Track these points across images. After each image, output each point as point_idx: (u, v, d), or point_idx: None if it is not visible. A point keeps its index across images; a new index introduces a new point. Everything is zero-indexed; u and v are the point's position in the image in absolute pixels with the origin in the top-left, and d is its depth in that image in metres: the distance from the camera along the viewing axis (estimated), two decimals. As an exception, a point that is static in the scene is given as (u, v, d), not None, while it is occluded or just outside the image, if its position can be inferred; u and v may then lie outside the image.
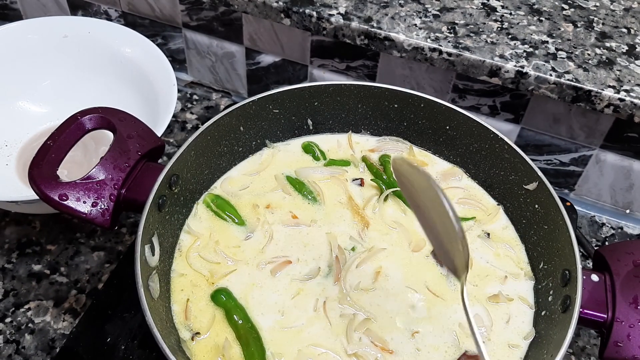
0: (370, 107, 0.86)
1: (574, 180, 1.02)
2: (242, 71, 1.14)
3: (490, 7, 0.99)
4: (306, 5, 0.96)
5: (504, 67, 0.89)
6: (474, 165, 0.85)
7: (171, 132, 1.09)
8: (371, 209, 0.81)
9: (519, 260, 0.78)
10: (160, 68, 0.97)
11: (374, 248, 0.77)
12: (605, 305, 0.67)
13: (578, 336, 0.87)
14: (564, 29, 0.96)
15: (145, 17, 1.14)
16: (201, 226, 0.78)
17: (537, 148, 1.00)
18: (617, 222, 1.02)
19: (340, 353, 0.68)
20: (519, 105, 0.96)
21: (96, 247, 0.92)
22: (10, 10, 1.24)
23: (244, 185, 0.83)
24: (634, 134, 0.92)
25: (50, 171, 0.70)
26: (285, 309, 0.71)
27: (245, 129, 0.83)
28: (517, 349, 0.70)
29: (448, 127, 0.84)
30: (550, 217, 0.73)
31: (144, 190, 0.70)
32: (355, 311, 0.71)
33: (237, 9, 1.01)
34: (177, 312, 0.70)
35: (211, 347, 0.68)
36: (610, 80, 0.88)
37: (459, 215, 0.78)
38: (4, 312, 0.84)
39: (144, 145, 0.75)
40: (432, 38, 0.92)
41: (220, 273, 0.73)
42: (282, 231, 0.78)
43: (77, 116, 0.73)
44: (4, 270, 0.88)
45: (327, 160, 0.86)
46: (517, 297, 0.74)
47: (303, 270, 0.74)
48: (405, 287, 0.74)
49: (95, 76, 1.04)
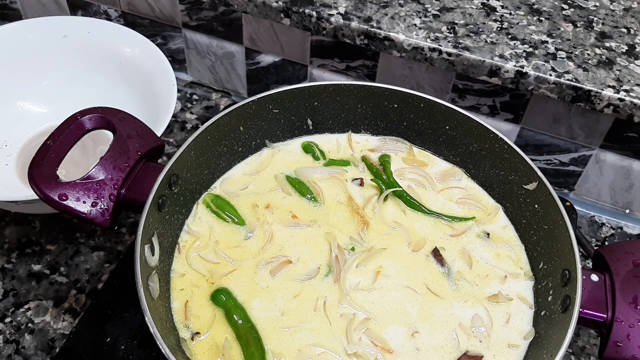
0: (370, 107, 0.86)
1: (574, 180, 1.02)
2: (242, 71, 1.14)
3: (490, 7, 0.99)
4: (306, 5, 0.96)
5: (504, 67, 0.89)
6: (474, 165, 0.85)
7: (171, 132, 1.09)
8: (371, 208, 0.81)
9: (518, 260, 0.78)
10: (160, 68, 0.97)
11: (374, 248, 0.77)
12: (605, 305, 0.67)
13: (578, 336, 0.87)
14: (564, 29, 0.96)
15: (145, 17, 1.14)
16: (201, 226, 0.78)
17: (536, 148, 1.00)
18: (617, 222, 1.02)
19: (340, 353, 0.68)
20: (519, 105, 0.96)
21: (96, 247, 0.92)
22: (10, 10, 1.24)
23: (243, 185, 0.83)
24: (633, 134, 0.92)
25: (50, 171, 0.70)
26: (285, 309, 0.71)
27: (245, 128, 0.83)
28: (517, 348, 0.70)
29: (448, 127, 0.84)
30: (550, 217, 0.73)
31: (143, 190, 0.70)
32: (355, 311, 0.71)
33: (237, 8, 1.01)
34: (177, 312, 0.70)
35: (211, 347, 0.68)
36: (610, 80, 0.88)
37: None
38: (3, 312, 0.84)
39: (143, 145, 0.75)
40: (432, 38, 0.92)
41: (220, 273, 0.73)
42: (282, 231, 0.78)
43: (77, 116, 0.73)
44: (3, 270, 0.88)
45: (327, 160, 0.86)
46: (517, 297, 0.74)
47: (303, 270, 0.74)
48: (405, 287, 0.74)
49: (95, 76, 1.04)
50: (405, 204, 0.82)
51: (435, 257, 0.77)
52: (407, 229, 0.79)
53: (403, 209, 0.82)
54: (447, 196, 0.84)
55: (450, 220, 0.81)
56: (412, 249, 0.77)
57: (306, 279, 0.73)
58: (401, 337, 0.70)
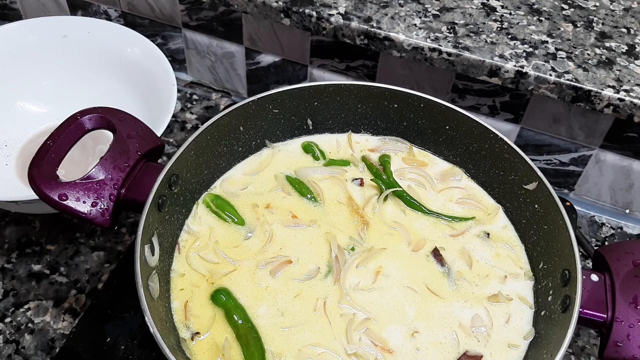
0: (370, 107, 0.86)
1: (574, 180, 1.02)
2: (242, 71, 1.14)
3: (490, 7, 0.99)
4: (306, 5, 0.96)
5: (504, 67, 0.89)
6: (474, 165, 0.85)
7: (171, 132, 1.09)
8: (371, 208, 0.81)
9: (518, 260, 0.78)
10: (160, 68, 0.97)
11: (374, 248, 0.77)
12: (605, 305, 0.67)
13: (578, 336, 0.87)
14: (564, 29, 0.96)
15: (145, 17, 1.14)
16: (201, 226, 0.78)
17: (536, 148, 1.00)
18: (617, 222, 1.02)
19: (340, 353, 0.68)
20: (519, 105, 0.96)
21: (96, 247, 0.92)
22: (9, 10, 1.24)
23: (243, 185, 0.83)
24: (633, 134, 0.92)
25: (50, 171, 0.70)
26: (285, 309, 0.71)
27: (245, 128, 0.83)
28: (517, 348, 0.70)
29: (448, 127, 0.84)
30: (550, 217, 0.73)
31: (143, 190, 0.70)
32: (355, 311, 0.71)
33: (237, 8, 1.01)
34: (177, 312, 0.70)
35: (211, 347, 0.68)
36: (610, 80, 0.88)
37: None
38: (3, 312, 0.84)
39: (143, 145, 0.75)
40: (432, 38, 0.92)
41: (220, 273, 0.73)
42: (282, 231, 0.78)
43: (77, 116, 0.73)
44: (3, 270, 0.88)
45: (327, 160, 0.86)
46: (517, 297, 0.74)
47: (303, 270, 0.74)
48: (405, 287, 0.74)
49: (95, 76, 1.04)
50: (405, 204, 0.82)
51: (435, 257, 0.77)
52: (407, 228, 0.79)
53: (403, 209, 0.82)
54: (447, 196, 0.84)
55: (450, 220, 0.81)
56: (412, 248, 0.77)
57: (306, 279, 0.73)
58: (401, 337, 0.70)
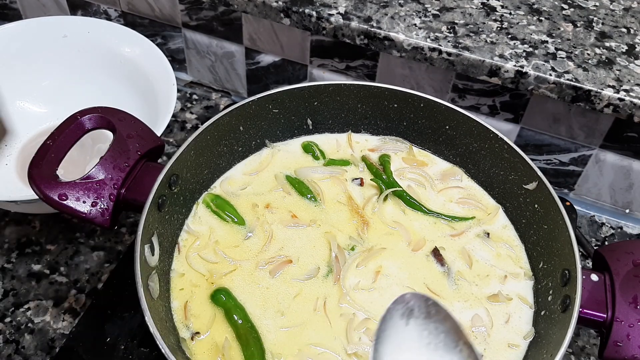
0: (370, 107, 0.86)
1: (574, 180, 1.02)
2: (242, 71, 1.14)
3: (490, 6, 0.99)
4: (306, 5, 0.96)
5: (504, 66, 0.89)
6: (474, 165, 0.85)
7: (171, 132, 1.09)
8: (371, 208, 0.81)
9: (518, 259, 0.78)
10: (160, 68, 0.97)
11: (374, 248, 0.77)
12: (605, 305, 0.66)
13: (578, 336, 0.87)
14: (564, 28, 0.96)
15: (145, 17, 1.14)
16: (201, 226, 0.78)
17: (536, 148, 1.00)
18: (617, 221, 1.02)
19: (340, 353, 0.68)
20: (519, 105, 0.96)
21: (96, 246, 0.92)
22: (9, 10, 1.24)
23: (243, 185, 0.83)
24: (633, 134, 0.92)
25: (50, 171, 0.70)
26: (285, 309, 0.71)
27: (244, 128, 0.83)
28: (517, 348, 0.70)
29: (448, 126, 0.84)
30: (550, 217, 0.73)
31: (143, 190, 0.70)
32: (355, 311, 0.71)
33: (237, 8, 1.01)
34: (177, 311, 0.70)
35: (211, 347, 0.68)
36: (610, 80, 0.88)
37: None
38: (3, 312, 0.84)
39: (143, 145, 0.75)
40: (432, 38, 0.92)
41: (219, 273, 0.73)
42: (282, 231, 0.78)
43: (77, 116, 0.73)
44: (3, 270, 0.88)
45: (327, 160, 0.86)
46: (517, 297, 0.74)
47: (303, 270, 0.74)
48: (405, 287, 0.74)
49: (95, 76, 1.04)
50: (405, 203, 0.82)
51: (435, 257, 0.76)
52: (407, 228, 0.79)
53: (403, 208, 0.82)
54: (447, 196, 0.84)
55: (450, 220, 0.81)
56: (412, 248, 0.77)
57: (306, 279, 0.73)
58: (401, 337, 0.69)
